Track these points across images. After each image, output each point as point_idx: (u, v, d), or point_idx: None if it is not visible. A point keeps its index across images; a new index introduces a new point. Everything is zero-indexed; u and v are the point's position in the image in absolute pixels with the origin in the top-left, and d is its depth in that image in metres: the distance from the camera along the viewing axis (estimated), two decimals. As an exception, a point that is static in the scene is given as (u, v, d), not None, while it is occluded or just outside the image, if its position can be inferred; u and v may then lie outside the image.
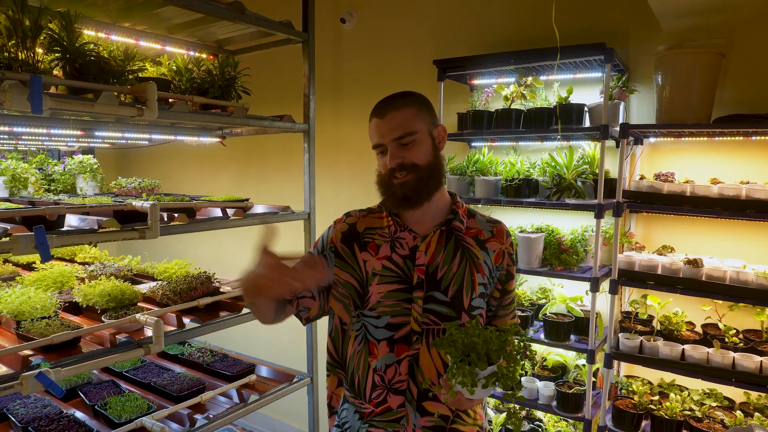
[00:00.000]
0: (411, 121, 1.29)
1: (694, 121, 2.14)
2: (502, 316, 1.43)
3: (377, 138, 1.32)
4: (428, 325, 1.31)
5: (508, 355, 1.13)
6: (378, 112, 1.33)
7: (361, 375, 1.36)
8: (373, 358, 1.34)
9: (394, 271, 1.33)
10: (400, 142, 1.28)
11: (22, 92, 1.40)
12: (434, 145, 1.33)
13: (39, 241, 1.42)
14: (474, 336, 1.14)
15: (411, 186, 1.28)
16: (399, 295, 1.32)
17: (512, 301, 1.44)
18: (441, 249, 1.34)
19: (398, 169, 1.28)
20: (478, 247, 1.36)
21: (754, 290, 2.01)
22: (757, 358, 2.04)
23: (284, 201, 2.83)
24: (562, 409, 2.40)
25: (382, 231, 1.38)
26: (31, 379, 1.45)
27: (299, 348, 2.67)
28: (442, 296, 1.32)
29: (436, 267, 1.33)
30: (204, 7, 1.95)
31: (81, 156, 2.96)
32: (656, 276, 2.22)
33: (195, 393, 2.21)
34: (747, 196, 2.07)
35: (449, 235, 1.36)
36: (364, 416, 1.36)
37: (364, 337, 1.36)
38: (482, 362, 1.10)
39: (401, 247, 1.35)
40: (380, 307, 1.33)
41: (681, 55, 2.14)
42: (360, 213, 1.43)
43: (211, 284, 2.28)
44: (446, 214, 1.38)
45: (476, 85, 2.82)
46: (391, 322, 1.32)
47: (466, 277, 1.33)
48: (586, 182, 2.40)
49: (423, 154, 1.29)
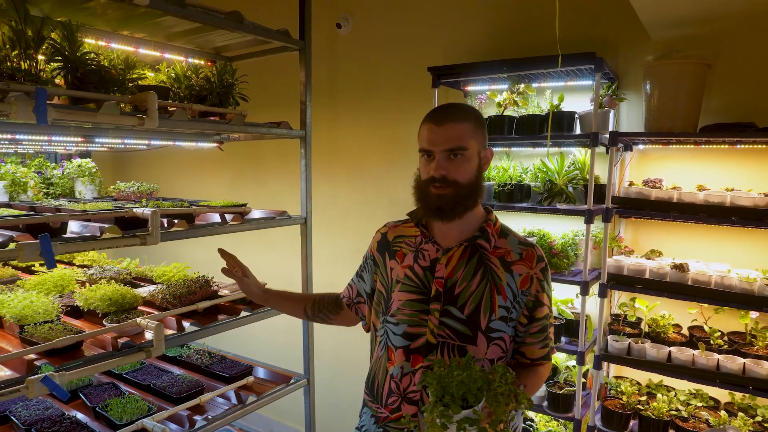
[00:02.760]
0: (466, 137, 1.28)
1: (680, 129, 2.20)
2: (529, 344, 1.37)
3: (427, 144, 1.30)
4: (444, 338, 1.31)
5: (493, 398, 1.10)
6: (435, 118, 1.31)
7: (381, 379, 1.40)
8: (390, 364, 1.37)
9: (414, 281, 1.36)
10: (450, 153, 1.28)
11: (28, 104, 1.44)
12: (479, 166, 1.33)
13: (44, 249, 1.46)
14: (452, 376, 1.12)
15: (448, 200, 1.28)
16: (417, 305, 1.34)
17: (542, 329, 1.37)
18: (462, 265, 1.33)
19: (440, 181, 1.28)
20: (503, 268, 1.33)
21: (738, 294, 2.07)
22: (740, 360, 2.10)
23: (281, 205, 2.88)
24: (553, 409, 2.46)
25: (409, 240, 1.42)
26: (36, 383, 1.49)
27: (296, 350, 2.71)
28: (458, 313, 1.31)
29: (455, 282, 1.32)
30: (203, 17, 1.99)
31: (79, 160, 2.99)
32: (644, 280, 2.28)
33: (194, 395, 2.25)
34: (731, 203, 2.13)
35: (473, 253, 1.34)
36: (380, 420, 1.38)
37: (386, 342, 1.40)
38: (455, 405, 1.08)
39: (423, 258, 1.37)
40: (399, 315, 1.36)
41: (668, 65, 2.20)
42: (393, 223, 1.49)
43: (210, 288, 2.32)
44: (474, 230, 1.36)
45: (470, 91, 2.88)
46: (407, 331, 1.34)
47: (485, 298, 1.31)
48: (577, 188, 2.46)
49: (467, 173, 1.29)
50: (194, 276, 2.46)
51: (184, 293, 2.18)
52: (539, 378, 1.38)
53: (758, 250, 2.30)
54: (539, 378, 1.38)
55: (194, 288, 2.23)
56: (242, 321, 2.26)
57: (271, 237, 3.86)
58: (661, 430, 2.21)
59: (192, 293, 2.20)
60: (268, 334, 3.91)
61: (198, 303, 2.17)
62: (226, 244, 4.21)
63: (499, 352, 1.34)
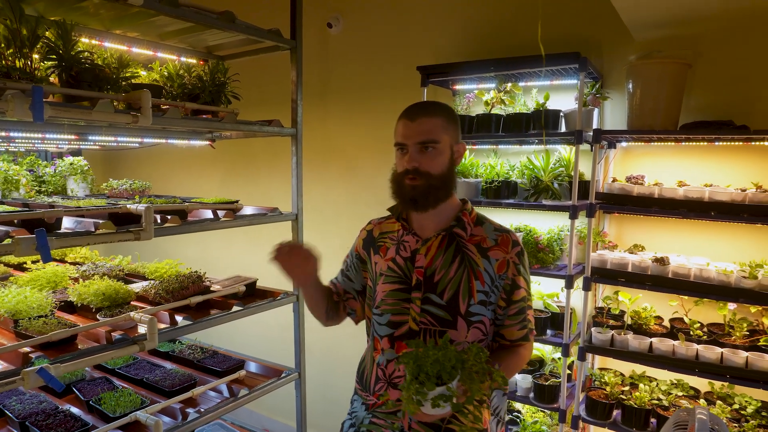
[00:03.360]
0: (437, 131, 1.35)
1: (661, 127, 2.27)
2: (508, 326, 1.43)
3: (402, 138, 1.38)
4: (426, 325, 1.38)
5: (467, 375, 1.16)
6: (409, 114, 1.39)
7: (369, 369, 1.48)
8: (377, 353, 1.45)
9: (396, 271, 1.43)
10: (422, 146, 1.35)
11: (24, 101, 1.47)
12: (452, 158, 1.40)
13: (40, 244, 1.49)
14: (427, 356, 1.17)
15: (420, 191, 1.35)
16: (399, 294, 1.41)
17: (520, 311, 1.42)
18: (440, 253, 1.40)
19: (413, 173, 1.35)
20: (480, 254, 1.39)
21: (716, 286, 2.15)
22: (718, 350, 2.17)
23: (272, 202, 2.91)
24: (538, 400, 2.52)
25: (392, 234, 1.49)
26: (32, 375, 1.52)
27: (287, 346, 2.75)
28: (438, 299, 1.38)
29: (434, 270, 1.39)
30: (195, 17, 2.03)
31: (71, 158, 3.01)
32: (627, 273, 2.34)
33: (187, 388, 2.28)
34: (710, 198, 2.20)
35: (450, 241, 1.41)
36: (369, 407, 1.46)
37: (373, 333, 1.47)
38: (430, 383, 1.13)
39: (404, 250, 1.44)
40: (383, 305, 1.43)
41: (650, 64, 2.27)
42: (377, 220, 1.56)
43: (202, 283, 2.36)
44: (451, 220, 1.43)
45: (458, 90, 2.93)
46: (392, 320, 1.41)
47: (463, 283, 1.37)
48: (562, 184, 2.52)
49: (439, 165, 1.36)
50: (187, 272, 2.50)
51: (176, 288, 2.21)
52: (520, 358, 1.44)
53: (735, 243, 2.37)
54: (520, 358, 1.44)
55: (187, 283, 2.27)
56: (234, 315, 2.29)
57: (262, 234, 3.89)
58: (643, 419, 2.28)
59: (185, 288, 2.24)
60: (260, 330, 3.95)
61: (191, 298, 2.21)
62: (217, 239, 4.26)
63: (479, 335, 1.40)
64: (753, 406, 2.21)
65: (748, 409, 2.21)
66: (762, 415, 2.17)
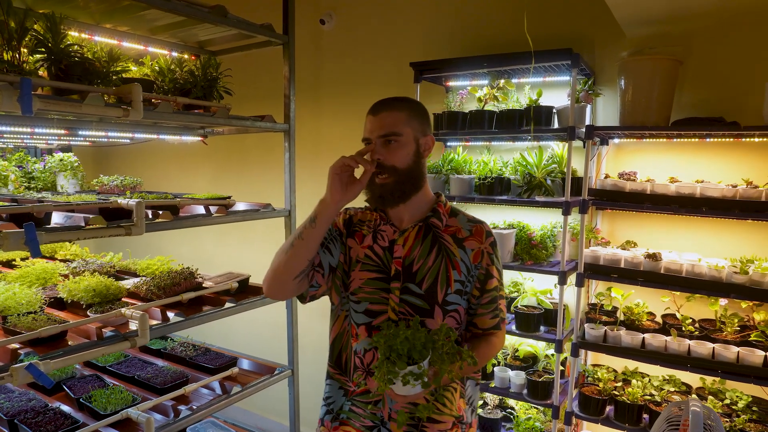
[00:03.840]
0: (399, 124, 1.37)
1: (653, 123, 2.28)
2: (481, 314, 1.46)
3: (367, 132, 1.40)
4: (404, 315, 1.39)
5: (438, 355, 1.19)
6: (373, 109, 1.41)
7: (348, 354, 1.47)
8: (354, 341, 1.44)
9: (374, 260, 1.43)
10: (385, 140, 1.36)
11: (12, 94, 1.45)
12: (418, 151, 1.41)
13: (29, 238, 1.47)
14: (397, 335, 1.21)
15: (388, 188, 1.37)
16: (378, 283, 1.41)
17: (492, 300, 1.45)
18: (418, 244, 1.42)
19: (379, 167, 1.36)
20: (456, 244, 1.43)
21: (707, 282, 2.16)
22: (710, 344, 2.19)
23: (264, 198, 2.90)
24: (532, 396, 2.52)
25: (369, 223, 1.49)
26: (21, 371, 1.50)
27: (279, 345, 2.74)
28: (416, 288, 1.40)
29: (413, 260, 1.41)
30: (187, 11, 2.01)
31: (61, 154, 2.98)
32: (619, 269, 2.35)
33: (179, 385, 2.26)
34: (701, 194, 2.21)
35: (427, 232, 1.44)
36: (348, 394, 1.46)
37: (350, 320, 1.46)
38: (401, 362, 1.16)
39: (382, 239, 1.45)
40: (360, 293, 1.43)
41: (641, 61, 2.28)
42: (356, 209, 1.56)
43: (194, 279, 2.34)
44: (427, 211, 1.46)
45: (451, 86, 2.93)
46: (369, 309, 1.41)
47: (441, 272, 1.40)
48: (555, 181, 2.52)
49: (403, 158, 1.37)
50: (179, 268, 2.48)
51: (168, 284, 2.19)
52: (492, 346, 1.46)
53: (727, 239, 2.39)
54: (492, 346, 1.46)
55: (179, 279, 2.25)
56: (227, 312, 2.28)
57: (255, 230, 3.88)
58: (636, 414, 2.29)
59: (176, 284, 2.22)
60: (252, 328, 3.93)
61: (183, 294, 2.19)
62: (209, 236, 4.23)
63: (453, 323, 1.43)
64: (744, 401, 2.23)
65: (739, 404, 2.22)
66: (753, 410, 2.19)
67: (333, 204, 1.35)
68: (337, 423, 1.47)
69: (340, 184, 1.34)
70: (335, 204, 1.35)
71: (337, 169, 1.34)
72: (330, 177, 1.35)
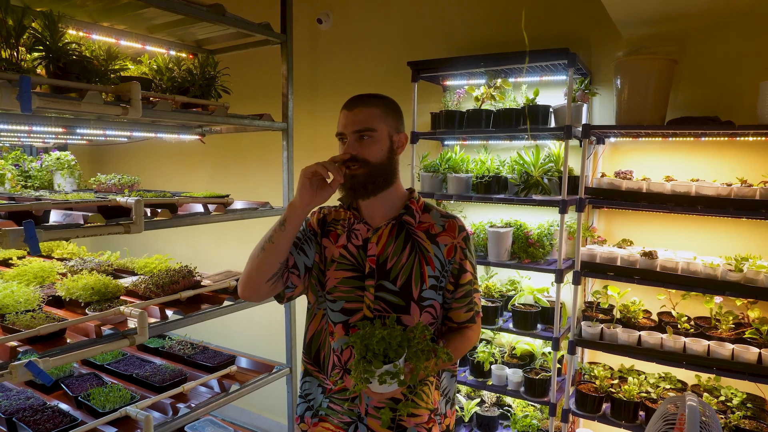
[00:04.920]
0: (374, 120, 1.39)
1: (649, 122, 2.29)
2: (455, 309, 1.47)
3: (341, 127, 1.42)
4: (380, 312, 1.40)
5: (413, 353, 1.21)
6: (348, 104, 1.43)
7: (326, 352, 1.48)
8: (332, 339, 1.46)
9: (349, 259, 1.44)
10: (359, 135, 1.38)
11: (11, 92, 1.45)
12: (391, 148, 1.42)
13: (29, 235, 1.47)
14: (374, 335, 1.22)
15: (359, 180, 1.37)
16: (353, 282, 1.43)
17: (466, 294, 1.47)
18: (392, 241, 1.43)
19: (351, 161, 1.37)
20: (429, 240, 1.44)
21: (703, 279, 2.18)
22: (705, 342, 2.20)
23: (262, 197, 2.90)
24: (529, 394, 2.54)
25: (343, 222, 1.50)
26: (20, 368, 1.50)
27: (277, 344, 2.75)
28: (391, 285, 1.40)
29: (386, 258, 1.42)
30: (185, 9, 2.02)
31: (58, 152, 2.97)
32: (616, 267, 2.37)
33: (177, 383, 2.27)
34: (696, 192, 2.23)
35: (400, 229, 1.45)
36: (326, 392, 1.47)
37: (327, 318, 1.48)
38: (377, 361, 1.17)
39: (356, 238, 1.46)
40: (336, 292, 1.44)
41: (637, 60, 2.29)
42: (330, 208, 1.56)
43: (193, 278, 2.34)
44: (399, 208, 1.47)
45: (448, 86, 2.94)
46: (345, 307, 1.43)
47: (415, 269, 1.41)
48: (552, 179, 2.54)
49: (376, 153, 1.38)
50: (177, 266, 2.48)
51: (167, 283, 2.20)
52: (467, 340, 1.48)
53: (721, 237, 2.41)
54: (467, 340, 1.48)
55: (177, 278, 2.25)
56: (225, 310, 2.28)
57: (253, 229, 3.87)
58: (632, 412, 2.30)
59: (175, 283, 2.22)
60: (250, 327, 3.93)
61: (181, 292, 2.19)
62: (207, 235, 4.23)
63: (430, 318, 1.44)
64: (739, 397, 2.25)
65: (734, 401, 2.24)
66: (747, 407, 2.21)
67: (301, 208, 1.36)
68: (317, 419, 1.48)
69: (311, 189, 1.35)
70: (303, 208, 1.36)
71: (308, 174, 1.34)
72: (301, 180, 1.35)
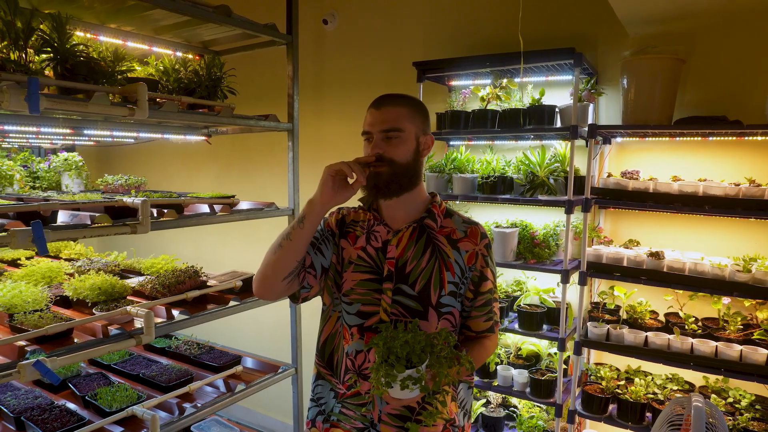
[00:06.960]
0: (402, 119, 1.36)
1: (656, 122, 2.28)
2: (475, 317, 1.44)
3: (368, 126, 1.38)
4: (397, 316, 1.37)
5: (436, 359, 1.18)
6: (376, 103, 1.40)
7: (340, 355, 1.45)
8: (346, 342, 1.43)
9: (367, 261, 1.42)
10: (386, 134, 1.35)
11: (20, 93, 1.47)
12: (417, 149, 1.40)
13: (36, 236, 1.48)
14: (397, 339, 1.19)
15: (383, 178, 1.35)
16: (370, 285, 1.40)
17: (486, 303, 1.44)
18: (412, 245, 1.40)
19: (377, 159, 1.35)
20: (450, 246, 1.41)
21: (710, 280, 2.16)
22: (713, 343, 2.19)
23: (268, 197, 2.91)
24: (535, 395, 2.53)
25: (362, 224, 1.47)
26: (28, 368, 1.51)
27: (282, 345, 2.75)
28: (409, 290, 1.38)
29: (406, 261, 1.39)
30: (191, 11, 2.02)
31: (65, 153, 2.99)
32: (622, 268, 2.36)
33: (183, 383, 2.28)
34: (704, 192, 2.22)
35: (421, 232, 1.42)
36: (338, 396, 1.44)
37: (342, 321, 1.45)
38: (399, 365, 1.14)
39: (375, 240, 1.43)
40: (353, 294, 1.41)
41: (644, 60, 2.28)
42: (349, 209, 1.54)
43: (199, 278, 2.35)
44: (421, 212, 1.44)
45: (454, 86, 2.94)
46: (361, 310, 1.40)
47: (434, 274, 1.38)
48: (558, 179, 2.53)
49: (403, 153, 1.36)
50: (183, 267, 2.49)
51: (173, 283, 2.21)
52: (485, 349, 1.45)
53: (729, 237, 2.39)
54: (485, 349, 1.45)
55: (183, 278, 2.26)
56: (231, 310, 2.29)
57: (259, 229, 3.89)
58: (639, 413, 2.29)
59: (181, 283, 2.23)
60: (256, 327, 3.94)
61: (187, 292, 2.20)
62: (213, 236, 4.24)
63: (448, 326, 1.41)
64: (747, 399, 2.23)
65: (742, 402, 2.22)
66: (756, 408, 2.19)
67: (320, 205, 1.33)
68: (328, 425, 1.45)
69: (333, 187, 1.32)
70: (323, 205, 1.33)
71: (332, 172, 1.31)
72: (323, 177, 1.32)
